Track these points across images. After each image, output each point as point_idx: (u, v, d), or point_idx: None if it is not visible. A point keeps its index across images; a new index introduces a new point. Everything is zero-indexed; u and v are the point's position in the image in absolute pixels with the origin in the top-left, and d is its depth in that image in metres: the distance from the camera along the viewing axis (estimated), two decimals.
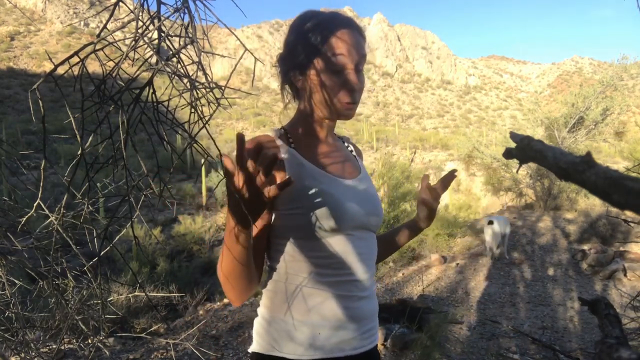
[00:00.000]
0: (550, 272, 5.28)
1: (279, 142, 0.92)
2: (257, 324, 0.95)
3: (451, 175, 1.07)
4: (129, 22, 0.57)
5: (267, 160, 0.65)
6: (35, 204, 0.65)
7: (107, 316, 1.47)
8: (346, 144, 1.09)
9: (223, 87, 0.64)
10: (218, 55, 0.61)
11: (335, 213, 0.86)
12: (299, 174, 0.88)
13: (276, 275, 0.92)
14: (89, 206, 0.71)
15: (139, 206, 0.63)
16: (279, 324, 0.89)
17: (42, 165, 0.60)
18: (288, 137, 0.94)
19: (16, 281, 1.39)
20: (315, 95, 0.91)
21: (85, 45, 0.55)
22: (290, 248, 0.89)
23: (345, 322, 0.89)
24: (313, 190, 0.86)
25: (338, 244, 0.89)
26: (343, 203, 0.88)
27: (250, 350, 0.95)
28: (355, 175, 0.99)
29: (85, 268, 1.10)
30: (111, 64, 0.56)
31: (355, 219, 0.90)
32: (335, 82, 0.88)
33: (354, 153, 1.09)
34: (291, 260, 0.89)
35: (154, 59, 0.57)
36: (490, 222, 5.42)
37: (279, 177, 0.87)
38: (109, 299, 1.49)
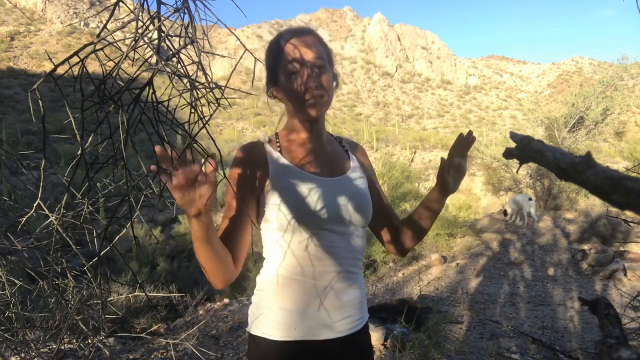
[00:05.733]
0: (550, 272, 5.28)
1: (267, 147, 1.06)
2: (251, 306, 1.07)
3: (469, 138, 1.10)
4: (129, 22, 0.57)
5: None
6: (35, 204, 0.65)
7: (107, 316, 1.48)
8: (342, 143, 1.19)
9: (223, 87, 0.64)
10: (218, 55, 0.61)
11: (307, 209, 0.97)
12: (280, 174, 1.01)
13: (266, 263, 1.04)
14: (89, 206, 0.71)
15: (139, 206, 0.64)
16: (265, 308, 1.00)
17: (42, 165, 0.60)
18: (277, 141, 1.08)
19: (16, 281, 1.39)
20: (289, 102, 1.04)
21: (85, 45, 0.55)
22: (276, 239, 1.00)
23: (322, 309, 0.99)
24: (290, 189, 0.98)
25: (313, 238, 0.98)
26: (316, 200, 0.98)
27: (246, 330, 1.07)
28: (343, 172, 1.08)
29: (85, 268, 1.10)
30: (111, 64, 0.56)
31: (330, 215, 0.99)
32: (293, 87, 1.00)
33: (347, 149, 1.17)
34: (278, 250, 1.00)
35: (154, 59, 0.57)
36: (530, 199, 7.14)
37: (262, 178, 1.01)
38: (109, 299, 1.49)
